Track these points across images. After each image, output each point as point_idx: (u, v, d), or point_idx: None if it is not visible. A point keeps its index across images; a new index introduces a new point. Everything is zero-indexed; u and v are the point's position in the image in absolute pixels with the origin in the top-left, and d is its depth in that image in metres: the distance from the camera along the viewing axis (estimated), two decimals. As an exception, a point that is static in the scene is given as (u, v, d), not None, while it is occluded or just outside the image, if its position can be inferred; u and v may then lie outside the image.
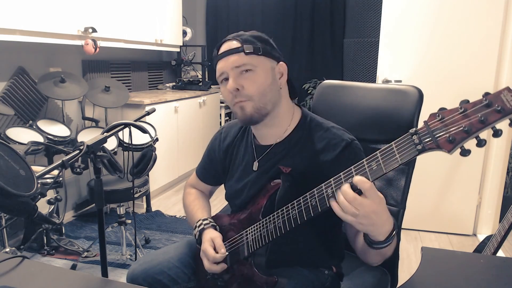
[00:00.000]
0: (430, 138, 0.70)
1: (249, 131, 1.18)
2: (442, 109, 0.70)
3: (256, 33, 1.08)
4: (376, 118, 1.28)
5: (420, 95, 1.21)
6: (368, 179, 0.77)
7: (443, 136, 0.69)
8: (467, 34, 2.54)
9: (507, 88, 0.64)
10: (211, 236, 1.07)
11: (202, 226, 1.12)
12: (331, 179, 0.85)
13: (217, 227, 1.14)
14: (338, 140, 1.04)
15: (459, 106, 0.68)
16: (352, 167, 0.81)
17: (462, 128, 0.67)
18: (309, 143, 1.07)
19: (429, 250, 1.01)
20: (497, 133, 0.65)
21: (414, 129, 0.73)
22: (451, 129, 0.68)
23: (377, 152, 0.78)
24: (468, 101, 0.68)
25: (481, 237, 2.76)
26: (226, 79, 1.04)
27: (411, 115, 1.19)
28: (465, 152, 0.68)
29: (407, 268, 2.34)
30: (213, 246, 1.05)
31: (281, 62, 1.07)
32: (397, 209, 1.24)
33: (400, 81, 2.72)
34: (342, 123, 1.12)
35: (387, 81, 2.75)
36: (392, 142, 0.76)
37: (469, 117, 0.66)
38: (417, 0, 2.59)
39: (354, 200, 0.77)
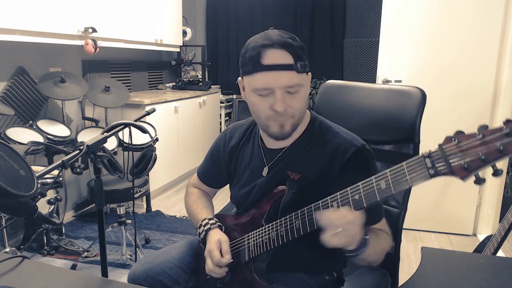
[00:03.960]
0: (444, 163, 0.67)
1: (256, 133, 1.15)
2: (459, 132, 0.66)
3: (297, 40, 0.95)
4: (379, 118, 1.28)
5: (423, 96, 1.20)
6: (376, 198, 0.77)
7: (458, 162, 0.65)
8: (467, 33, 2.54)
9: None
10: (219, 239, 1.06)
11: (208, 226, 1.11)
12: (337, 193, 0.84)
13: (223, 227, 1.12)
14: (348, 145, 1.00)
15: (477, 132, 0.64)
16: (360, 183, 0.80)
17: (479, 156, 0.63)
18: (318, 148, 1.04)
19: (429, 250, 1.01)
20: None
21: (428, 151, 0.70)
22: (467, 156, 0.64)
23: (387, 170, 0.75)
24: (487, 126, 0.64)
25: (481, 237, 2.76)
26: (265, 93, 0.94)
27: (414, 116, 1.19)
28: (480, 181, 0.65)
29: (407, 268, 2.34)
30: (219, 248, 1.04)
31: (309, 73, 1.00)
32: (398, 210, 1.24)
33: (400, 81, 2.72)
34: (345, 124, 1.11)
35: (387, 81, 2.74)
36: (403, 162, 0.73)
37: (487, 145, 0.63)
38: (417, 0, 2.60)
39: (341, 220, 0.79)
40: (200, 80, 4.37)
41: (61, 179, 1.07)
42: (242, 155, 1.16)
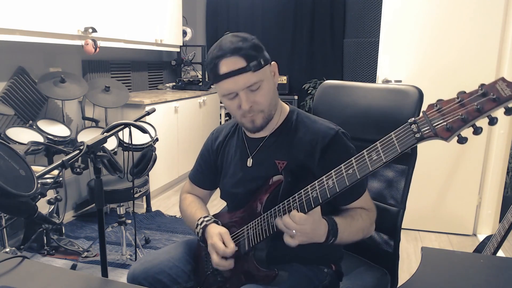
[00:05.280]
0: (428, 127, 0.72)
1: (240, 127, 1.20)
2: (440, 100, 0.72)
3: (248, 39, 1.02)
4: (376, 118, 1.28)
5: (420, 95, 1.21)
6: (368, 169, 0.81)
7: (441, 125, 0.71)
8: (467, 33, 2.54)
9: (502, 78, 0.67)
10: (219, 231, 1.07)
11: (204, 223, 1.12)
12: (332, 171, 0.87)
13: (219, 222, 1.14)
14: (327, 129, 1.08)
15: (456, 96, 0.70)
16: (352, 158, 0.84)
17: (459, 116, 0.69)
18: (298, 134, 1.10)
19: (429, 250, 1.01)
20: (492, 121, 0.67)
21: (413, 118, 0.75)
22: (449, 118, 0.70)
23: (377, 142, 0.80)
24: (464, 92, 0.70)
25: (481, 237, 2.76)
26: (232, 96, 1.04)
27: (412, 115, 1.19)
28: (462, 140, 0.70)
29: (407, 268, 2.34)
30: (222, 240, 1.05)
31: (273, 62, 1.08)
32: (397, 209, 1.24)
33: (400, 81, 2.72)
34: (342, 123, 1.12)
35: (387, 81, 2.74)
36: (392, 132, 0.78)
37: (466, 106, 0.69)
38: (416, 0, 2.60)
39: (292, 224, 0.89)
40: (200, 80, 4.37)
41: (61, 179, 1.07)
42: (228, 150, 1.21)
